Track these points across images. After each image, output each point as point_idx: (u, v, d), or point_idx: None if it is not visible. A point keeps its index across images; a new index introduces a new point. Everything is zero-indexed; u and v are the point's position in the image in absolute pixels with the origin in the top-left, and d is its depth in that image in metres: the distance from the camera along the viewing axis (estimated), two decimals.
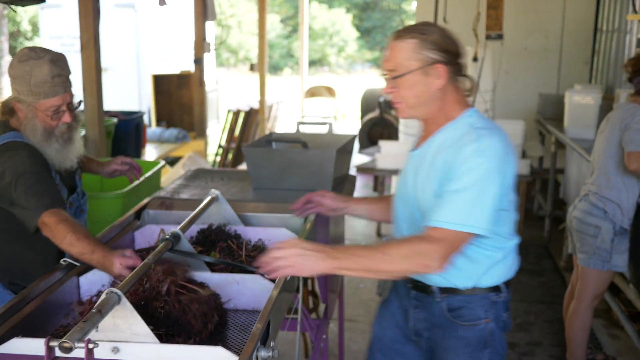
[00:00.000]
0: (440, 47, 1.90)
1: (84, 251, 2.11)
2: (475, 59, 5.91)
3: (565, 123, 5.74)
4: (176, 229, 2.14)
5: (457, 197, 1.82)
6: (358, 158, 7.51)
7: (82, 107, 2.52)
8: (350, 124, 13.37)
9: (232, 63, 31.98)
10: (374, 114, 8.45)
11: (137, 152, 5.24)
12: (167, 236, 2.10)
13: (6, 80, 20.92)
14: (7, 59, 21.38)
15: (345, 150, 3.23)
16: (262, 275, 2.02)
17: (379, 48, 32.46)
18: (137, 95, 9.53)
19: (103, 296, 1.63)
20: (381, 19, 31.94)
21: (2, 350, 1.67)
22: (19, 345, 1.66)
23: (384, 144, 6.35)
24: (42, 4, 9.38)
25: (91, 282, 2.15)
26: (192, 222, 2.31)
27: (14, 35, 26.07)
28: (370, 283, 4.80)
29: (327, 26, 32.64)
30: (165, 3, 6.00)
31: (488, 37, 5.74)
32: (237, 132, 8.57)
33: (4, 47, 21.13)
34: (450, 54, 1.92)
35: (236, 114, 8.60)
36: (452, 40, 1.94)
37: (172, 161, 6.66)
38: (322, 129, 9.70)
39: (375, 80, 24.36)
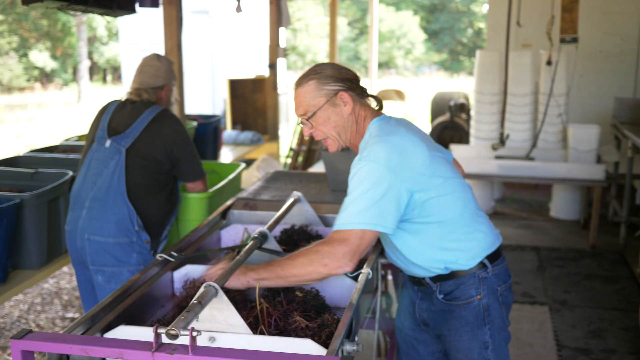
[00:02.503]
0: (337, 78, 2.10)
1: None
2: (549, 63, 5.87)
3: None
4: (264, 228, 2.26)
5: (349, 201, 1.97)
6: None
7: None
8: (419, 127, 13.32)
9: (300, 66, 32.30)
10: (445, 117, 8.45)
11: (215, 154, 5.42)
12: (256, 235, 2.22)
13: (85, 84, 21.75)
14: (86, 63, 22.23)
15: None
16: (346, 274, 2.14)
17: (447, 50, 32.20)
18: (212, 99, 9.80)
19: (202, 289, 1.76)
20: (449, 20, 31.67)
21: (109, 336, 1.81)
22: (125, 332, 1.80)
23: (455, 148, 6.37)
24: None
25: (184, 277, 2.29)
26: (277, 222, 2.43)
27: (91, 41, 27.03)
28: None
29: (394, 28, 32.58)
30: (241, 10, 6.18)
31: (562, 41, 5.70)
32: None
33: (83, 52, 21.98)
34: (348, 81, 2.12)
35: None
36: (346, 69, 2.15)
37: (246, 163, 6.85)
38: None
39: (443, 83, 24.18)
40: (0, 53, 23.61)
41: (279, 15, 6.68)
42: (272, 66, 6.82)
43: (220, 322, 1.80)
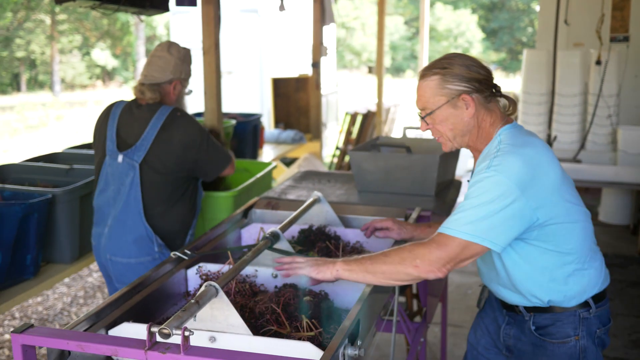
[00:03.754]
0: (463, 78, 1.94)
1: None
2: (598, 62, 5.69)
3: None
4: (276, 228, 2.25)
5: (465, 207, 1.85)
6: (472, 164, 7.39)
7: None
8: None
9: (355, 65, 32.24)
10: None
11: (254, 153, 5.44)
12: (267, 235, 2.21)
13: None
14: (143, 61, 22.69)
15: (450, 155, 3.23)
16: None
17: (505, 49, 31.64)
18: (260, 98, 9.86)
19: (202, 289, 1.75)
20: (509, 19, 31.12)
21: (112, 333, 1.83)
22: (127, 329, 1.82)
23: None
24: (175, 11, 9.91)
25: (199, 275, 2.30)
26: (292, 222, 2.41)
27: (151, 39, 27.61)
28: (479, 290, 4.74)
29: (451, 27, 32.22)
30: (284, 8, 6.19)
31: (613, 40, 5.52)
32: (354, 134, 8.67)
33: (140, 50, 22.47)
34: (476, 81, 1.95)
35: (353, 116, 8.71)
36: (477, 66, 1.97)
37: (288, 162, 6.86)
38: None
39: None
40: (64, 51, 24.35)
41: (322, 13, 6.67)
42: (315, 65, 6.82)
43: (220, 322, 1.79)
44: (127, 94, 23.27)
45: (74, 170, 3.62)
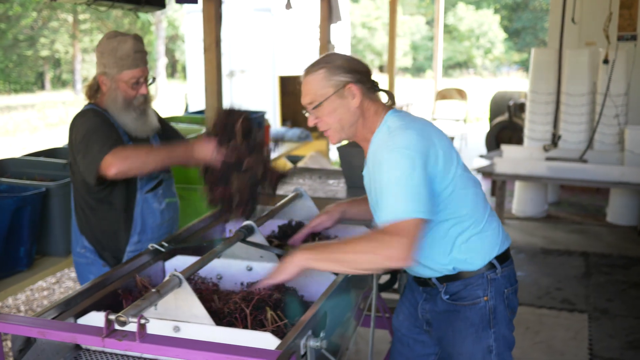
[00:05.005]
0: (347, 69, 2.03)
1: (167, 152, 2.55)
2: (605, 61, 5.64)
3: None
4: (251, 221, 2.27)
5: (391, 192, 1.88)
6: (478, 162, 7.36)
7: (155, 83, 2.85)
8: (482, 127, 13.12)
9: (376, 65, 32.20)
10: (503, 117, 8.24)
11: None
12: (241, 228, 2.23)
13: (162, 80, 22.38)
14: (163, 60, 22.93)
15: None
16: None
17: (528, 50, 31.40)
18: (272, 96, 9.89)
19: (166, 278, 1.78)
20: (532, 19, 30.89)
21: (81, 321, 1.86)
22: (94, 318, 1.85)
23: (506, 148, 6.22)
24: (189, 10, 9.99)
25: (176, 267, 2.33)
26: (269, 216, 2.43)
27: (173, 39, 27.83)
28: None
29: (473, 27, 32.06)
30: (291, 7, 6.21)
31: (620, 39, 5.46)
32: None
33: (160, 49, 22.67)
34: (359, 73, 2.05)
35: None
36: (358, 61, 2.08)
37: (295, 160, 6.88)
38: None
39: (520, 83, 23.63)
40: (87, 51, 24.65)
41: (329, 12, 6.68)
42: None
43: (184, 312, 1.82)
44: None
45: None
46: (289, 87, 7.20)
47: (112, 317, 1.59)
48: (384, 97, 2.16)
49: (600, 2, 6.78)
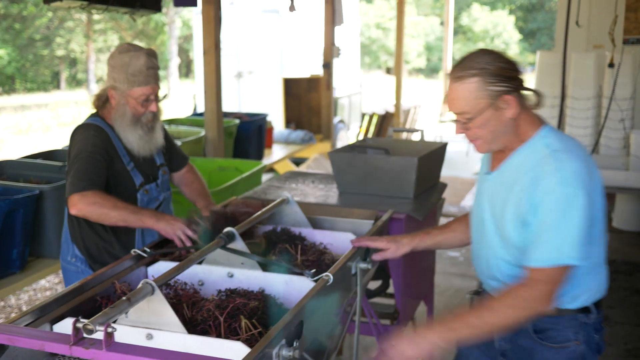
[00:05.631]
0: (503, 77, 1.85)
1: (133, 214, 2.46)
2: (611, 65, 5.57)
3: None
4: (232, 228, 2.26)
5: (550, 232, 1.79)
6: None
7: (165, 99, 2.79)
8: None
9: (391, 65, 32.11)
10: None
11: (259, 152, 5.47)
12: (221, 235, 2.23)
13: (174, 80, 22.46)
14: (176, 60, 23.00)
15: (432, 158, 3.21)
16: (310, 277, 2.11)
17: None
18: (280, 97, 9.89)
19: (139, 286, 1.78)
20: (547, 20, 30.69)
21: (56, 328, 1.87)
22: (70, 325, 1.84)
23: None
24: (198, 11, 10.00)
25: (158, 273, 2.32)
26: (252, 222, 2.42)
27: (188, 39, 27.90)
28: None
29: (488, 28, 31.91)
30: (294, 9, 6.21)
31: (626, 42, 5.39)
32: (370, 135, 8.67)
33: (172, 49, 22.74)
34: (514, 80, 1.87)
35: (371, 117, 8.70)
36: (511, 63, 1.89)
37: (298, 162, 6.88)
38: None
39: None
40: (102, 50, 24.79)
41: (333, 14, 6.67)
42: (327, 65, 6.82)
43: (158, 320, 1.81)
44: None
45: (66, 167, 3.68)
46: (293, 89, 7.20)
47: (80, 324, 1.59)
48: (531, 97, 1.97)
49: (608, 5, 6.72)
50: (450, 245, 2.41)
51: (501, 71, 1.85)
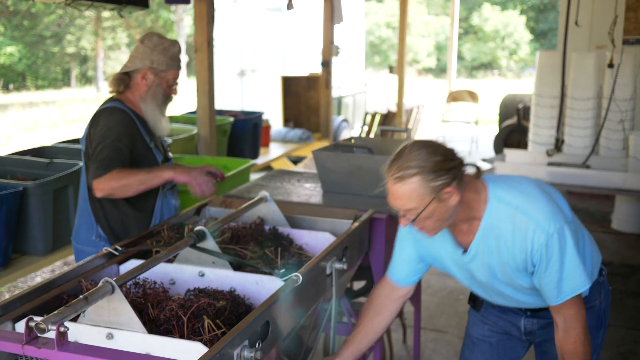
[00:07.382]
0: (441, 170, 1.84)
1: (144, 174, 2.62)
2: (610, 66, 5.52)
3: None
4: (202, 226, 2.24)
5: (559, 275, 1.92)
6: (480, 165, 7.25)
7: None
8: (495, 129, 12.96)
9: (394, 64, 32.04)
10: (512, 120, 8.13)
11: (254, 151, 5.45)
12: (191, 233, 2.20)
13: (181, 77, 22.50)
14: (184, 58, 23.00)
15: None
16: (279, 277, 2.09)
17: None
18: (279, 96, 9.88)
19: (100, 284, 1.76)
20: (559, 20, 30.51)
21: (18, 326, 1.85)
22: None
23: (509, 152, 6.12)
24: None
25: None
26: (224, 221, 2.39)
27: None
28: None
29: (499, 28, 31.74)
30: (292, 7, 6.18)
31: (625, 42, 5.34)
32: (372, 134, 8.63)
33: (181, 47, 22.77)
34: (452, 169, 1.87)
35: (373, 116, 8.66)
36: (446, 153, 1.88)
37: (295, 160, 6.86)
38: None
39: (519, 86, 23.32)
40: (112, 48, 24.87)
41: (332, 12, 6.64)
42: (325, 64, 6.79)
43: (118, 319, 1.79)
44: None
45: (54, 164, 3.68)
46: (292, 88, 7.18)
47: (33, 323, 1.58)
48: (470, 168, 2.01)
49: (609, 6, 6.65)
50: (369, 345, 2.34)
51: (439, 166, 1.84)
